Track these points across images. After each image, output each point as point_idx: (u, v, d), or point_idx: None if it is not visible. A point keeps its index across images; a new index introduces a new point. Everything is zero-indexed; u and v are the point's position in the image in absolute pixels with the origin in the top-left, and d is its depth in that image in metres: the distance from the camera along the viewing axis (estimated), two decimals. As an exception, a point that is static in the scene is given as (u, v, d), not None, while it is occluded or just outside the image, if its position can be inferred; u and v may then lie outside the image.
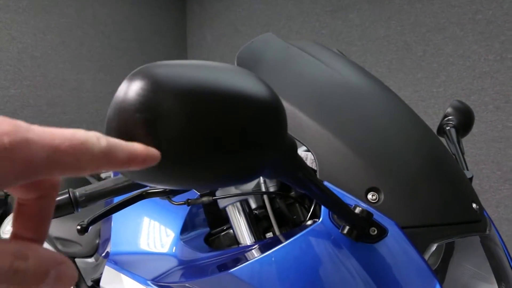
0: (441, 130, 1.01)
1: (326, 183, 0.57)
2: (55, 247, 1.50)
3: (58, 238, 1.50)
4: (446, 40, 2.39)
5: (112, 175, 0.79)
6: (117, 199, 0.76)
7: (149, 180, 0.35)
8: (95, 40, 3.49)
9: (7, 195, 1.77)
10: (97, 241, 1.32)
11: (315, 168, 0.88)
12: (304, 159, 0.92)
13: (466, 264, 0.65)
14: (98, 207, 0.95)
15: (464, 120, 0.99)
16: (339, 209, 0.48)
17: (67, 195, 0.72)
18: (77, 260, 1.43)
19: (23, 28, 3.11)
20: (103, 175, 2.10)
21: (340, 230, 0.53)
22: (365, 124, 0.63)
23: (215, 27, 3.79)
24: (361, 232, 0.52)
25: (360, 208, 0.52)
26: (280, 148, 0.38)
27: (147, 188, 0.71)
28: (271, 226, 0.90)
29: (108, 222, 1.17)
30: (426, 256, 0.54)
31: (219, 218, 0.99)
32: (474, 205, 0.63)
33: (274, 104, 0.37)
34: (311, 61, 0.71)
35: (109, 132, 0.32)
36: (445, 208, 0.58)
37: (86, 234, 1.47)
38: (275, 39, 0.78)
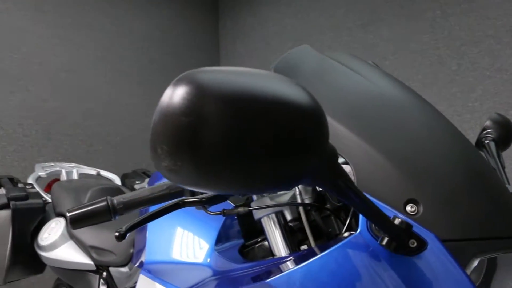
0: (480, 143, 0.99)
1: (364, 193, 0.57)
2: (90, 255, 1.53)
3: (93, 247, 1.53)
4: (482, 54, 2.34)
5: (146, 186, 0.81)
6: (152, 208, 0.78)
7: (191, 183, 0.36)
8: (132, 54, 3.59)
9: (45, 203, 1.82)
10: (131, 251, 1.34)
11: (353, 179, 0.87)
12: None
13: (510, 281, 0.62)
14: (134, 215, 0.97)
15: (504, 133, 0.97)
16: (379, 220, 0.48)
17: (105, 203, 0.74)
18: (111, 269, 1.45)
19: (64, 43, 3.23)
20: (136, 186, 2.14)
21: (378, 242, 0.52)
22: (403, 135, 0.62)
23: (246, 42, 3.84)
24: (400, 244, 0.51)
25: (400, 219, 0.51)
26: (321, 155, 0.39)
27: (184, 197, 0.73)
28: (306, 238, 0.89)
29: (143, 232, 1.19)
30: (468, 271, 0.53)
31: (253, 230, 0.99)
32: (517, 220, 0.61)
33: (316, 112, 0.37)
34: (347, 73, 0.72)
35: (155, 136, 0.33)
36: (487, 222, 0.57)
37: (120, 243, 1.50)
38: (311, 50, 0.79)
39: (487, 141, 0.96)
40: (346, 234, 0.67)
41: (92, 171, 2.28)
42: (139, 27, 3.62)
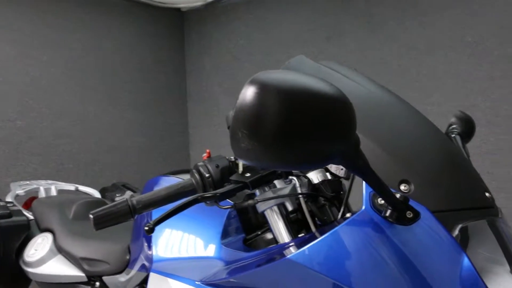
0: (447, 137, 1.12)
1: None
2: (81, 267, 1.55)
3: (84, 259, 1.55)
4: (439, 61, 2.54)
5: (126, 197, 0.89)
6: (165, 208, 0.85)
7: (260, 158, 0.47)
8: (100, 71, 3.61)
9: (29, 220, 1.83)
10: (127, 257, 1.39)
11: None
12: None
13: (480, 250, 0.74)
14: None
15: (467, 128, 1.10)
16: (385, 193, 0.59)
17: (126, 203, 0.81)
18: (105, 278, 1.49)
19: (31, 62, 3.22)
20: (117, 199, 2.16)
21: (382, 214, 0.63)
22: (392, 128, 0.74)
23: (213, 56, 3.92)
24: (400, 214, 0.62)
25: (398, 194, 0.62)
26: (350, 141, 0.50)
27: (201, 193, 0.81)
28: (303, 228, 0.99)
29: (140, 238, 1.25)
30: (453, 235, 0.65)
31: (253, 225, 1.08)
32: (487, 194, 0.74)
33: (348, 108, 0.49)
34: (341, 78, 0.84)
35: (237, 123, 0.44)
36: (465, 195, 0.69)
37: (113, 253, 1.54)
38: (307, 60, 0.90)
39: (453, 135, 1.09)
40: (348, 215, 0.77)
41: (71, 186, 2.30)
42: (106, 43, 3.65)
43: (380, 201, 0.65)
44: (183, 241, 1.01)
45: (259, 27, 3.53)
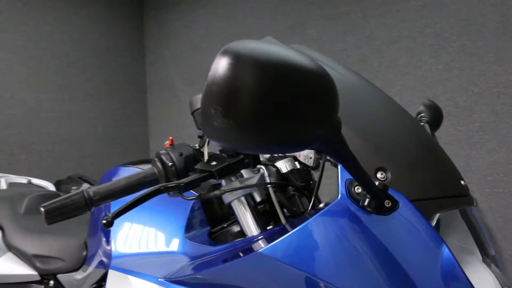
0: (416, 126, 1.11)
1: (340, 165, 0.64)
2: (34, 265, 1.46)
3: (37, 256, 1.46)
4: (400, 52, 2.56)
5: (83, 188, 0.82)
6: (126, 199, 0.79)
7: (236, 140, 0.41)
8: (52, 58, 3.43)
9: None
10: (84, 254, 1.32)
11: (318, 156, 0.95)
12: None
13: (452, 239, 0.73)
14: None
15: (435, 116, 1.10)
16: (365, 180, 0.55)
17: (82, 195, 0.74)
18: (59, 276, 1.41)
19: (-23, 48, 3.02)
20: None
21: (360, 203, 0.59)
22: (367, 114, 0.70)
23: (173, 45, 3.82)
24: (379, 203, 0.59)
25: (377, 182, 0.59)
26: (332, 124, 0.45)
27: (164, 183, 0.75)
28: (272, 219, 0.95)
29: (97, 232, 1.18)
30: (432, 225, 0.62)
31: (218, 217, 1.03)
32: (462, 182, 0.72)
33: (331, 84, 0.44)
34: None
35: (209, 98, 0.38)
36: (442, 183, 0.66)
37: (69, 248, 1.45)
38: (276, 42, 0.85)
39: (422, 123, 1.08)
40: (322, 205, 0.73)
41: (22, 179, 2.17)
42: (58, 28, 3.47)
43: (357, 189, 0.62)
44: (144, 235, 0.95)
45: (220, 16, 3.45)
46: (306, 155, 1.02)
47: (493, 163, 2.25)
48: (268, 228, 0.91)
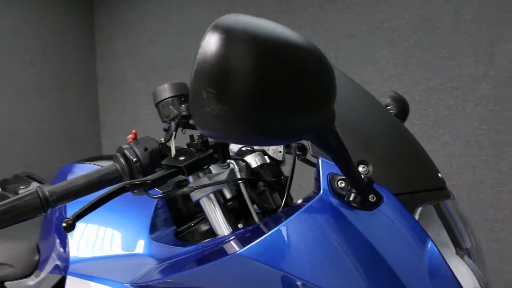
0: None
1: (321, 158, 0.61)
2: (-22, 272, 1.35)
3: (-19, 263, 1.35)
4: (357, 46, 2.58)
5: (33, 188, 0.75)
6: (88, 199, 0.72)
7: (231, 129, 0.37)
8: (-5, 51, 3.21)
9: None
10: (36, 258, 1.22)
11: (299, 153, 0.91)
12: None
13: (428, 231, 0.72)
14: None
15: (402, 108, 1.10)
16: (352, 174, 0.52)
17: (36, 195, 0.67)
18: (8, 284, 1.31)
19: None
20: (21, 192, 1.93)
21: (345, 198, 0.56)
22: (347, 107, 0.67)
23: (127, 38, 3.68)
24: (364, 199, 0.56)
25: (363, 175, 0.56)
26: (327, 114, 0.42)
27: (129, 181, 0.69)
28: (241, 217, 0.91)
29: (50, 235, 1.10)
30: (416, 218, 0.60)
31: (184, 215, 0.98)
32: (440, 175, 0.71)
33: (330, 68, 0.40)
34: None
35: (200, 81, 0.34)
36: (422, 177, 0.65)
37: (19, 253, 1.35)
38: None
39: (390, 116, 1.08)
40: (300, 201, 0.70)
41: (-37, 180, 2.01)
42: (1, 19, 3.25)
43: (340, 184, 0.59)
44: (106, 237, 0.88)
45: (176, 7, 3.36)
46: (275, 149, 0.99)
47: (447, 156, 2.31)
48: (239, 226, 0.88)
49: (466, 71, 2.26)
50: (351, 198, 0.56)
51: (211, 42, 0.35)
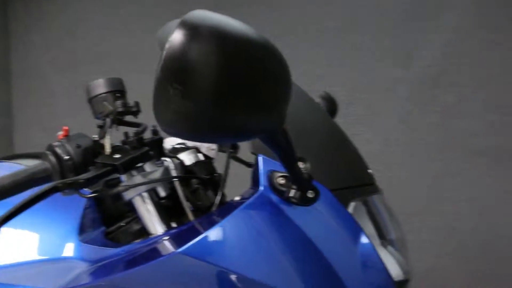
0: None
1: (261, 155, 0.62)
2: None
3: None
4: (300, 47, 2.62)
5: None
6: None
7: (194, 128, 0.39)
8: None
9: None
10: None
11: (231, 150, 0.92)
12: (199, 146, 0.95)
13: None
14: None
15: (332, 107, 1.14)
16: (295, 171, 0.54)
17: None
18: None
19: None
20: None
21: (284, 195, 0.58)
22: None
23: (44, 30, 3.46)
24: (303, 194, 0.58)
25: (303, 171, 0.58)
26: (282, 114, 0.43)
27: (61, 180, 0.66)
28: (174, 215, 0.89)
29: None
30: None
31: (113, 215, 0.94)
32: (369, 171, 0.75)
33: (287, 81, 0.42)
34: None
35: (167, 75, 0.34)
36: (353, 173, 0.68)
37: None
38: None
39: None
40: (237, 198, 0.71)
41: None
42: None
43: (280, 181, 0.60)
44: (31, 241, 0.82)
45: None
46: (208, 147, 0.99)
47: (368, 153, 2.44)
48: (173, 224, 0.86)
49: (386, 74, 2.41)
50: (291, 194, 0.57)
51: (179, 38, 0.35)
